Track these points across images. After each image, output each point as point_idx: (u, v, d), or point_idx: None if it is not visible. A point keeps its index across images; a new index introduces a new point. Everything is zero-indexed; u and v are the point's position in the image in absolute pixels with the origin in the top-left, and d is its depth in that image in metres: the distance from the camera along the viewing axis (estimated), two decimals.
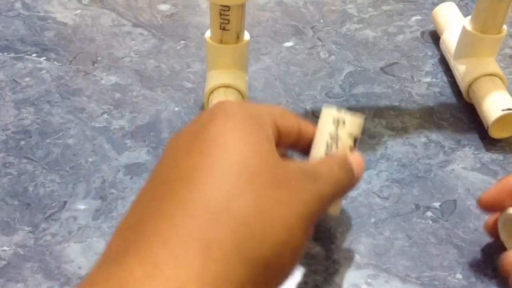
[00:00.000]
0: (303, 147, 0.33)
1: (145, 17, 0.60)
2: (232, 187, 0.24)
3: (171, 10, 0.62)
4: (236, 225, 0.23)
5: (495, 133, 0.45)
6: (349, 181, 0.31)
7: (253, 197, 0.24)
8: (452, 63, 0.52)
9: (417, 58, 0.56)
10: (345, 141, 0.32)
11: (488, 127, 0.45)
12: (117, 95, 0.50)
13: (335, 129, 0.32)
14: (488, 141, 0.46)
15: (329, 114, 0.33)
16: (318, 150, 0.32)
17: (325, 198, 0.28)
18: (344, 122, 0.32)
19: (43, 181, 0.42)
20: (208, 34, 0.45)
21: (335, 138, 0.32)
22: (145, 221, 0.24)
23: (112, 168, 0.43)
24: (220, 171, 0.25)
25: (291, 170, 0.27)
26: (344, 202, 0.40)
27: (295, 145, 0.32)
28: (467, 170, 0.44)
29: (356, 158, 0.32)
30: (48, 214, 0.39)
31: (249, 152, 0.26)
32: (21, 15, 0.60)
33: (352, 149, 0.33)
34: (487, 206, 0.35)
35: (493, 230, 0.35)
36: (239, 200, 0.24)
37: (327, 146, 0.32)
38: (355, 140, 0.33)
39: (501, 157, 0.45)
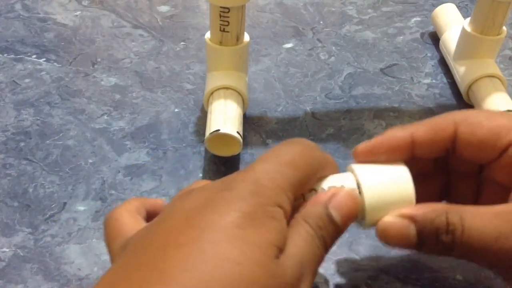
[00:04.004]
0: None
1: (145, 18, 0.60)
2: None
3: (171, 11, 0.62)
4: None
5: None
6: (330, 238, 0.27)
7: None
8: (452, 64, 0.52)
9: (417, 60, 0.56)
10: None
11: None
12: (117, 96, 0.50)
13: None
14: None
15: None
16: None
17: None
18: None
19: (43, 182, 0.42)
20: (208, 35, 0.45)
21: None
22: None
23: (112, 169, 0.43)
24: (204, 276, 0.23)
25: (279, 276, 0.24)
26: None
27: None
28: None
29: (340, 200, 0.28)
30: (48, 215, 0.39)
31: (242, 262, 0.23)
32: (21, 16, 0.60)
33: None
34: (360, 156, 0.31)
35: None
36: None
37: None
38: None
39: None
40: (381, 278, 0.36)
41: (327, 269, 0.36)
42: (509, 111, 0.44)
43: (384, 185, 0.29)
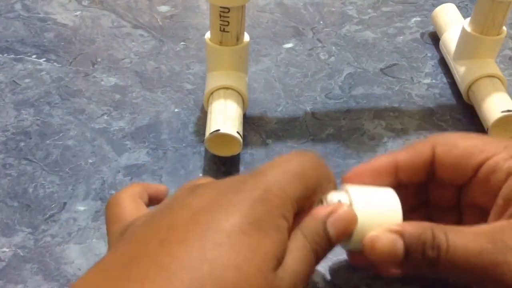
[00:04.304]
0: None
1: (145, 18, 0.60)
2: None
3: (171, 11, 0.62)
4: None
5: (495, 134, 0.45)
6: (323, 253, 0.27)
7: None
8: (452, 64, 0.52)
9: (417, 60, 0.56)
10: None
11: (487, 129, 0.45)
12: (117, 97, 0.50)
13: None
14: None
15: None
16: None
17: None
18: None
19: (43, 182, 0.42)
20: (208, 35, 0.45)
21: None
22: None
23: (112, 169, 0.43)
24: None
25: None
26: None
27: None
28: None
29: (338, 218, 0.28)
30: (48, 215, 0.39)
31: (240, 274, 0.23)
32: (21, 17, 0.60)
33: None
34: (350, 181, 0.31)
35: None
36: None
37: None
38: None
39: None
40: (381, 278, 0.35)
41: (327, 269, 0.36)
42: (509, 111, 0.44)
43: (374, 205, 0.29)
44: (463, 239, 0.27)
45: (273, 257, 0.24)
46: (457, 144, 0.31)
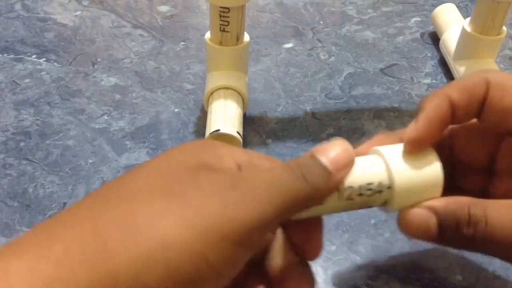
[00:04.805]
0: None
1: (145, 18, 0.60)
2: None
3: (171, 11, 0.62)
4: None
5: None
6: (314, 186, 0.25)
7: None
8: (452, 64, 0.52)
9: (417, 60, 0.56)
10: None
11: None
12: (117, 96, 0.50)
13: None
14: None
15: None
16: None
17: (254, 210, 0.23)
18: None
19: (43, 182, 0.42)
20: (208, 35, 0.45)
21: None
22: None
23: (112, 169, 0.43)
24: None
25: (206, 179, 0.24)
26: None
27: None
28: None
29: (335, 152, 0.26)
30: (48, 216, 0.39)
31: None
32: (21, 17, 0.60)
33: None
34: (415, 146, 0.28)
35: None
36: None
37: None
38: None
39: None
40: (381, 278, 0.36)
41: (327, 269, 0.36)
42: None
43: (414, 172, 0.27)
44: (504, 215, 0.26)
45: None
46: (511, 90, 0.28)
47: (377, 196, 0.27)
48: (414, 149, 0.28)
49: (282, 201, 0.23)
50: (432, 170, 0.28)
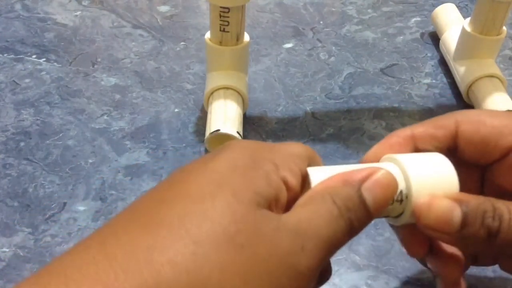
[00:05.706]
0: None
1: (145, 18, 0.60)
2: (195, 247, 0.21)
3: (171, 11, 0.62)
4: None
5: None
6: (356, 230, 0.25)
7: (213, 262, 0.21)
8: (452, 64, 0.52)
9: (417, 60, 0.56)
10: None
11: None
12: (117, 96, 0.50)
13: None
14: None
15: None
16: None
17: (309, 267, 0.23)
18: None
19: (43, 182, 0.42)
20: (208, 35, 0.45)
21: None
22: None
23: (112, 169, 0.43)
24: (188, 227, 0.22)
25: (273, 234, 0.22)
26: None
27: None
28: None
29: (376, 180, 0.25)
30: (48, 215, 0.39)
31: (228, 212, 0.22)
32: (21, 17, 0.60)
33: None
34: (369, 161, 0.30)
35: None
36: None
37: None
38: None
39: None
40: (381, 278, 0.36)
41: None
42: (509, 111, 0.44)
43: (428, 172, 0.27)
44: None
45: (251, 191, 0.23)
46: (484, 123, 0.28)
47: (396, 205, 0.26)
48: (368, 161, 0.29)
49: (328, 253, 0.24)
50: (444, 167, 0.27)
